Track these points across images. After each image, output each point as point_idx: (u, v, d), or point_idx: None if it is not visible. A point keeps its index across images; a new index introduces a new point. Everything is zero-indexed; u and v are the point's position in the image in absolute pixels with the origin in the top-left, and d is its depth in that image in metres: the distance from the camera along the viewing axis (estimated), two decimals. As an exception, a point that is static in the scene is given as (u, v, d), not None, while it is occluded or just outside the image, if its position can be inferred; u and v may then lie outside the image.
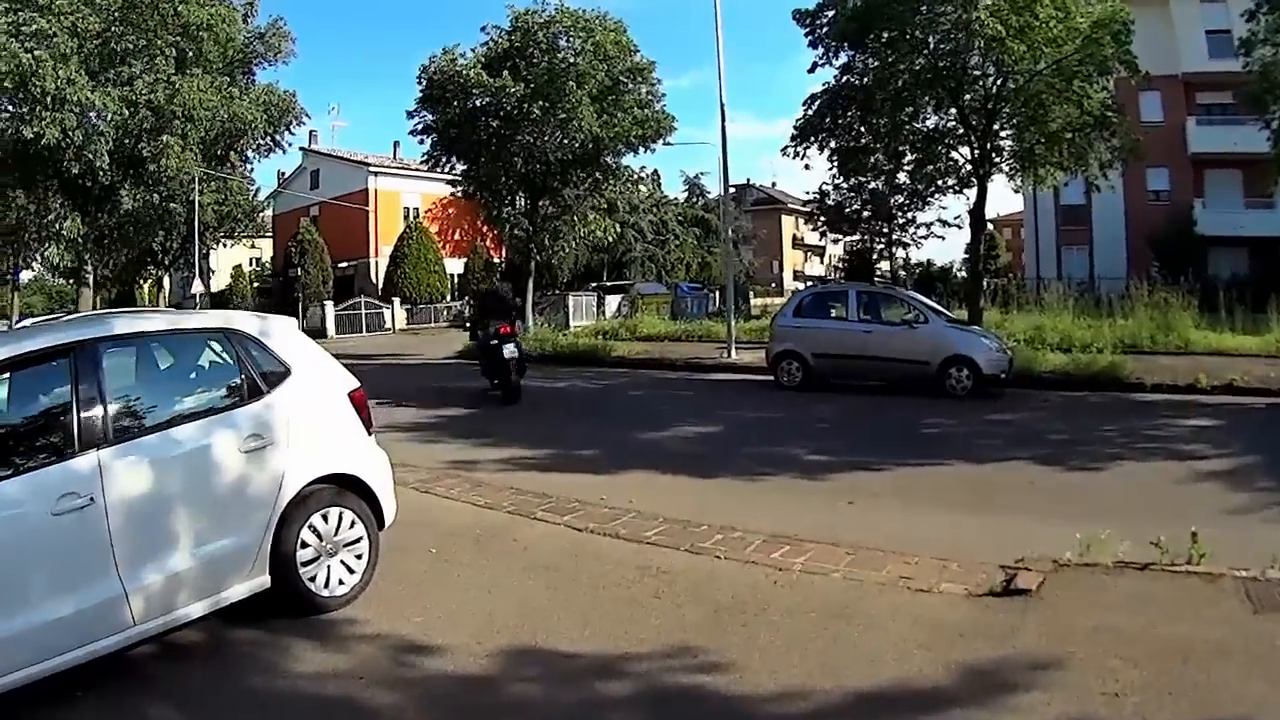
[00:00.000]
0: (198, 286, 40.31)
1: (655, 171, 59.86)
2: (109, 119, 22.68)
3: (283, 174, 54.30)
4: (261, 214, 51.31)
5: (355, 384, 5.10)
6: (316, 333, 37.66)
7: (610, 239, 26.22)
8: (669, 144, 31.88)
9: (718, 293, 31.81)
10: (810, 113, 20.80)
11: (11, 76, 20.95)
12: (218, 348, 4.72)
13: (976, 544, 5.50)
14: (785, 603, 4.55)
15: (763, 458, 8.66)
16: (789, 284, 65.62)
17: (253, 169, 42.38)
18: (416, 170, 37.04)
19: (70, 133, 21.87)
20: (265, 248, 56.28)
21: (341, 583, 4.71)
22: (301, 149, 52.05)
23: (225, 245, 50.45)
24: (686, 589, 4.79)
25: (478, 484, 7.56)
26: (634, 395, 14.54)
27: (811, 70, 20.38)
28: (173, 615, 3.97)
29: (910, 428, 10.66)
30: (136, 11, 22.56)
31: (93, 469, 3.75)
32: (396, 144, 47.92)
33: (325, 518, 4.66)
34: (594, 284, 40.82)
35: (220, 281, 53.20)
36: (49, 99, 21.60)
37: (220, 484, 4.25)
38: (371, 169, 46.96)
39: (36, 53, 21.06)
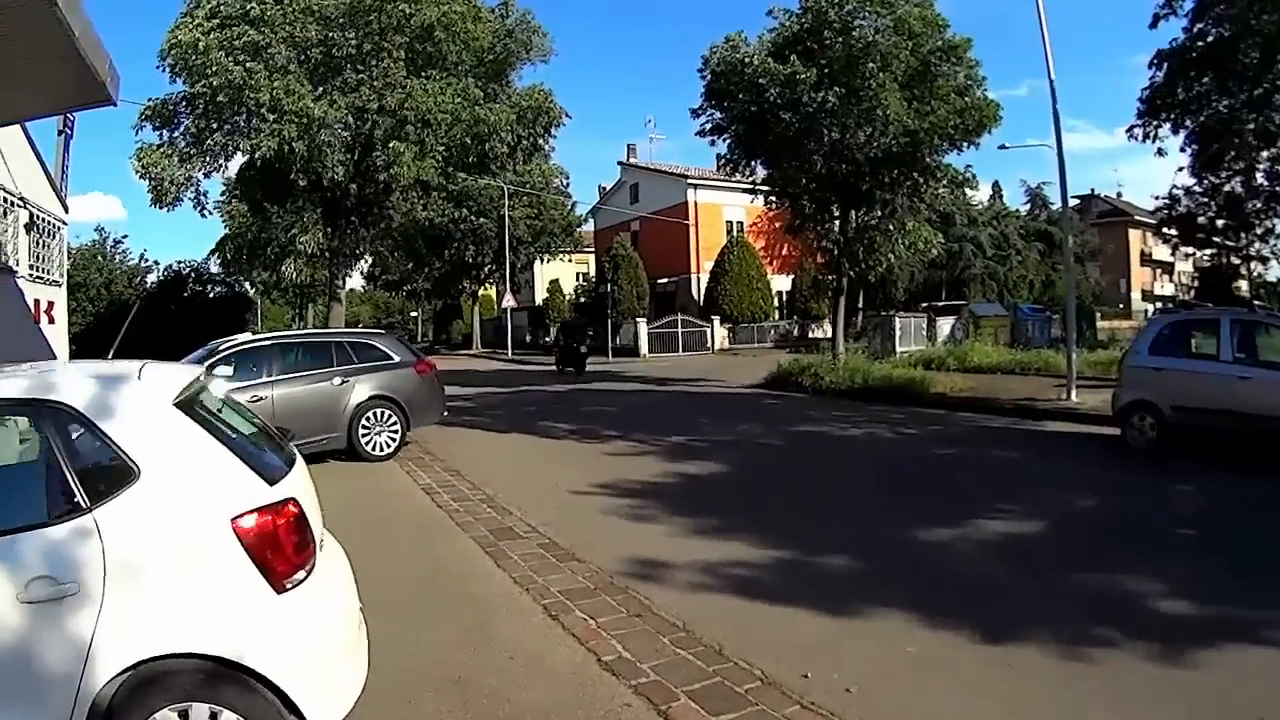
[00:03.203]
0: (509, 301, 42.10)
1: (996, 182, 55.14)
2: (335, 128, 22.17)
3: (603, 188, 55.96)
4: (579, 229, 52.92)
5: (266, 499, 2.96)
6: (629, 351, 37.63)
7: (935, 251, 22.24)
8: (1003, 147, 27.45)
9: (1060, 314, 26.77)
10: (1158, 79, 15.88)
11: (226, 91, 21.07)
12: (20, 431, 3.00)
13: None
14: None
15: (1089, 598, 5.26)
16: (1137, 305, 60.08)
17: (568, 183, 42.28)
18: (739, 181, 35.70)
19: (291, 143, 21.62)
20: (592, 263, 58.13)
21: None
22: (620, 163, 53.40)
23: (543, 260, 52.69)
24: None
25: (639, 612, 5.11)
26: (937, 455, 11.12)
27: (1153, 24, 15.72)
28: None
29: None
30: (361, 15, 21.89)
31: None
32: (719, 155, 47.18)
33: (185, 715, 2.77)
34: (924, 304, 36.47)
35: (539, 296, 55.51)
36: (263, 111, 21.41)
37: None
38: (690, 181, 46.20)
39: (249, 65, 21.08)
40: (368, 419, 11.01)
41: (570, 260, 57.07)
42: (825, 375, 19.03)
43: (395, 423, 11.21)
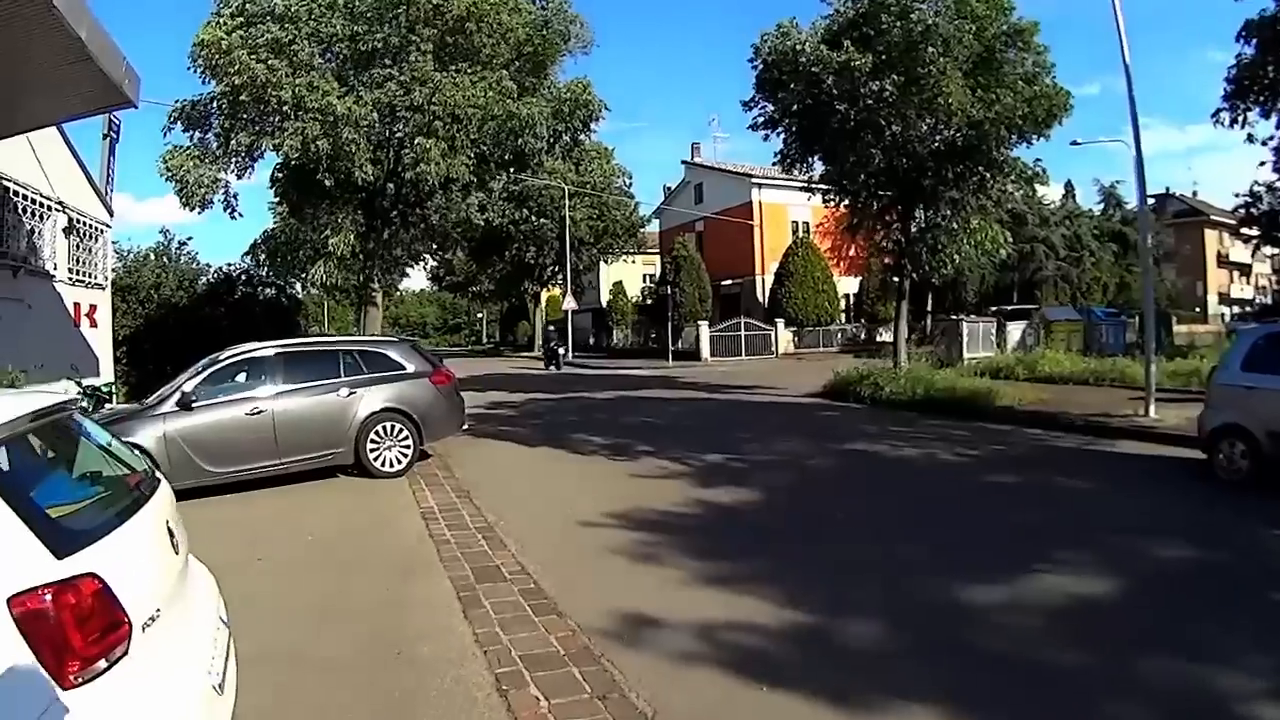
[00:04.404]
0: (569, 303, 41.71)
1: (1069, 182, 53.17)
2: (360, 126, 21.31)
3: (668, 188, 55.18)
4: (643, 230, 52.07)
5: (49, 576, 2.34)
6: (691, 355, 36.82)
7: (1004, 252, 20.76)
8: (1076, 143, 25.90)
9: (1136, 319, 25.02)
10: (1246, 56, 14.28)
11: (248, 89, 20.55)
12: None
13: None
14: None
15: (1164, 694, 4.16)
16: (1214, 308, 58.21)
17: (631, 183, 40.97)
18: (799, 179, 34.32)
19: (314, 141, 20.94)
20: (658, 264, 57.84)
21: None
22: (684, 162, 52.66)
23: (607, 261, 52.02)
24: None
25: (605, 692, 4.20)
26: (999, 484, 9.90)
27: (1239, -9, 14.06)
28: None
29: None
30: (389, 9, 21.15)
31: None
32: (777, 151, 46.12)
33: None
34: (993, 308, 34.69)
35: (605, 298, 55.42)
36: (286, 108, 20.80)
37: None
38: (755, 181, 45.17)
39: (271, 62, 20.51)
40: (377, 433, 10.37)
41: (635, 261, 56.45)
42: (885, 385, 17.85)
43: (406, 437, 10.54)
